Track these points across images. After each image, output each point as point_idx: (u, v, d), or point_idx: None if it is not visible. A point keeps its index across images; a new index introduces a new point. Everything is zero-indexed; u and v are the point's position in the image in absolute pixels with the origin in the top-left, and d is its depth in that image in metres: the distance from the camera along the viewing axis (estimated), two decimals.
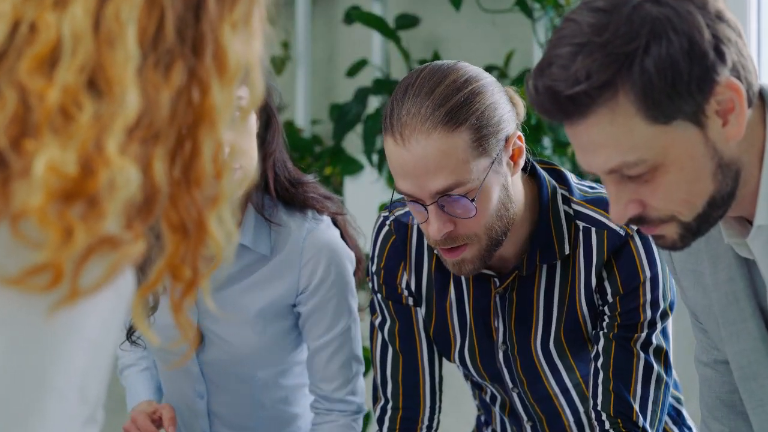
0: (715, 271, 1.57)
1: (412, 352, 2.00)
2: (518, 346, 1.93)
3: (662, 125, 1.36)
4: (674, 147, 1.37)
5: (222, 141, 0.94)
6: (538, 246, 1.87)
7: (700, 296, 1.63)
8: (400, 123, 1.73)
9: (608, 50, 1.34)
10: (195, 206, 0.93)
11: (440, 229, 1.75)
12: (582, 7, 1.39)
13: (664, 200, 1.40)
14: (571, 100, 1.36)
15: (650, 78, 1.34)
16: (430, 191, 1.74)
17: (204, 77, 0.93)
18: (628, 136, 1.37)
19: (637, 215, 1.42)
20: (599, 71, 1.34)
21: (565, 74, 1.35)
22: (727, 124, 1.38)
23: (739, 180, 1.41)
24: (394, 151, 1.75)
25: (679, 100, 1.35)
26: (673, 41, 1.33)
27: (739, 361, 1.59)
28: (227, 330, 2.06)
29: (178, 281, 0.94)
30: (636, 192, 1.41)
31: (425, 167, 1.72)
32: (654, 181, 1.39)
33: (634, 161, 1.38)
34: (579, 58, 1.34)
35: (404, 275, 1.98)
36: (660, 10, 1.34)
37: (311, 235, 2.03)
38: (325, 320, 2.05)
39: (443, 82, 1.75)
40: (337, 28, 3.64)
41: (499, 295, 1.92)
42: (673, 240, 1.44)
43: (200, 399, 2.13)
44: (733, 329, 1.58)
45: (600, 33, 1.35)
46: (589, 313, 1.89)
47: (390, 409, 2.02)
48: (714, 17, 1.36)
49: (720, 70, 1.35)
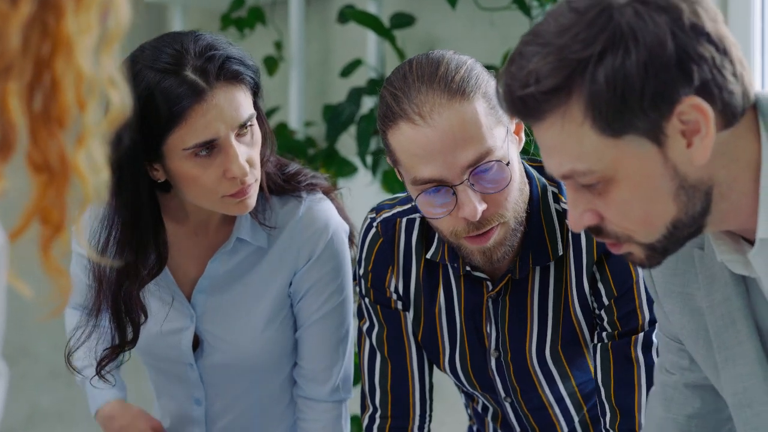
0: (710, 292, 1.50)
1: (401, 359, 1.94)
2: (512, 353, 1.87)
3: (612, 138, 1.30)
4: (626, 162, 1.32)
5: (83, 71, 0.89)
6: (530, 247, 1.80)
7: (687, 320, 1.56)
8: (415, 104, 1.67)
9: (563, 54, 1.29)
10: (58, 144, 0.88)
11: (477, 207, 1.69)
12: (563, 5, 1.33)
13: (619, 216, 1.35)
14: (522, 102, 1.32)
15: (599, 89, 1.28)
16: (462, 165, 1.67)
17: (58, 3, 0.88)
18: (578, 145, 1.32)
19: (595, 225, 1.37)
20: (549, 75, 1.30)
21: (520, 74, 1.32)
22: (691, 146, 1.31)
23: (712, 197, 1.34)
24: (414, 134, 1.68)
25: (629, 115, 1.29)
26: (630, 52, 1.27)
27: (734, 388, 1.52)
28: (228, 331, 2.02)
29: (46, 225, 0.90)
30: (592, 202, 1.36)
31: (453, 141, 1.67)
32: (608, 194, 1.34)
33: (582, 170, 1.33)
34: (535, 59, 1.30)
35: (392, 279, 1.92)
36: (627, 19, 1.28)
37: (308, 211, 2.00)
38: (324, 293, 2.01)
39: (440, 66, 1.71)
40: (331, 28, 3.62)
41: (491, 299, 1.86)
42: (641, 259, 1.39)
43: (198, 406, 2.09)
44: (728, 353, 1.51)
45: (561, 35, 1.30)
46: (585, 317, 1.82)
47: (378, 417, 1.96)
48: (687, 31, 1.28)
49: (682, 89, 1.28)
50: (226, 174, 1.82)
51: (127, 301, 1.91)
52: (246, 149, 1.84)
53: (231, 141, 1.81)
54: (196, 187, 1.84)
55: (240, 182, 1.83)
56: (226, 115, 1.80)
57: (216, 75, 1.80)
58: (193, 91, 1.78)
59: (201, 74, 1.79)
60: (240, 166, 1.81)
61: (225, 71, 1.81)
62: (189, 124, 1.79)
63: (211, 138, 1.80)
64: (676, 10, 1.29)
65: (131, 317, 1.93)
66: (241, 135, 1.84)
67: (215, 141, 1.81)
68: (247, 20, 3.63)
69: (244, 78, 1.84)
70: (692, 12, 1.30)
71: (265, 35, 3.70)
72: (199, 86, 1.79)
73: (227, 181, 1.83)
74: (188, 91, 1.78)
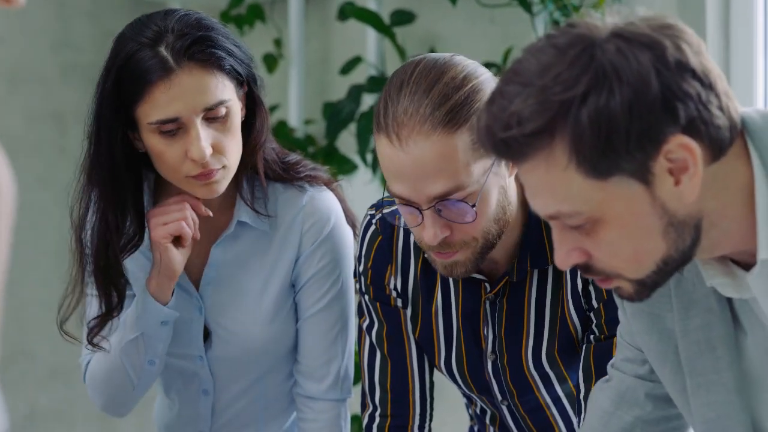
0: (685, 317, 1.47)
1: (400, 357, 1.93)
2: (508, 356, 1.85)
3: (598, 180, 1.27)
4: (614, 203, 1.28)
5: None
6: (528, 250, 1.78)
7: (655, 340, 1.52)
8: (396, 123, 1.64)
9: (545, 96, 1.25)
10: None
11: (436, 234, 1.67)
12: (543, 41, 1.30)
13: (608, 256, 1.32)
14: (504, 144, 1.28)
15: (583, 131, 1.24)
16: (427, 196, 1.65)
17: None
18: (563, 187, 1.28)
19: (583, 263, 1.34)
20: (531, 118, 1.25)
21: (501, 115, 1.27)
22: (680, 184, 1.28)
23: (702, 229, 1.31)
24: (389, 152, 1.65)
25: (615, 157, 1.25)
26: (614, 92, 1.23)
27: (705, 415, 1.48)
28: (237, 322, 2.01)
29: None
30: (579, 241, 1.32)
31: (423, 171, 1.63)
32: (596, 234, 1.31)
33: (568, 212, 1.29)
34: (516, 101, 1.26)
35: (391, 277, 1.91)
36: (610, 58, 1.24)
37: (311, 201, 1.99)
38: (325, 282, 2.00)
39: (441, 79, 1.65)
40: (331, 26, 3.61)
41: (489, 301, 1.84)
42: (630, 293, 1.36)
43: (205, 397, 2.08)
44: (701, 380, 1.47)
45: (542, 75, 1.26)
46: (579, 319, 1.80)
47: (378, 416, 1.95)
48: (672, 68, 1.25)
49: (668, 128, 1.25)
50: (188, 155, 1.83)
51: (110, 269, 1.91)
52: (215, 134, 1.84)
53: (195, 123, 1.81)
54: (161, 163, 1.86)
55: (201, 165, 1.83)
56: (189, 97, 1.81)
57: (186, 54, 1.81)
58: (161, 67, 1.80)
59: (172, 52, 1.81)
60: (199, 149, 1.81)
61: (197, 52, 1.82)
62: (152, 99, 1.81)
63: (172, 116, 1.81)
64: (660, 46, 1.25)
65: (115, 284, 1.93)
66: (211, 120, 1.84)
67: (178, 120, 1.82)
68: (246, 17, 3.62)
69: (221, 63, 1.84)
70: (676, 48, 1.26)
71: (265, 33, 3.69)
72: (168, 63, 1.80)
73: (190, 161, 1.83)
74: (156, 66, 1.80)
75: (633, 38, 1.26)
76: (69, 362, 2.18)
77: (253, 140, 1.94)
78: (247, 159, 1.93)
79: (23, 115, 3.78)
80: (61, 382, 3.89)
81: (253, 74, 1.91)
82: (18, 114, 3.77)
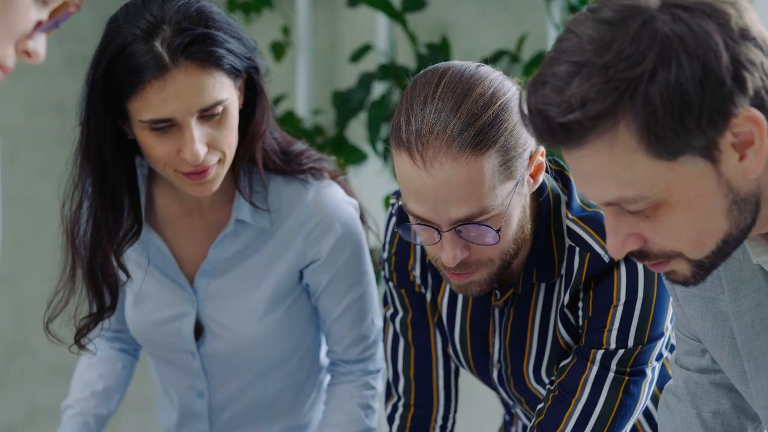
0: (737, 297, 1.42)
1: (425, 344, 1.88)
2: (512, 367, 1.81)
3: (667, 161, 1.21)
4: (680, 184, 1.23)
5: None
6: (535, 263, 1.71)
7: (710, 325, 1.48)
8: (421, 141, 1.54)
9: (609, 75, 1.18)
10: None
11: (455, 257, 1.60)
12: (587, 17, 1.23)
13: (669, 239, 1.26)
14: (563, 128, 1.21)
15: (654, 110, 1.18)
16: (449, 219, 1.57)
17: None
18: (628, 171, 1.22)
19: (638, 250, 1.28)
20: (597, 99, 1.19)
21: (558, 98, 1.20)
22: (744, 159, 1.22)
23: (760, 205, 1.26)
24: (411, 172, 1.56)
25: (687, 135, 1.19)
26: (684, 66, 1.17)
27: (767, 400, 1.43)
28: (229, 317, 1.95)
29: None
30: (636, 226, 1.27)
31: (448, 194, 1.55)
32: (657, 218, 1.25)
33: (633, 197, 1.23)
34: (575, 81, 1.19)
35: (414, 263, 1.86)
36: (673, 28, 1.18)
37: (317, 197, 1.92)
38: (344, 285, 1.95)
39: (470, 96, 1.56)
40: (340, 13, 3.59)
41: (498, 308, 1.78)
42: (685, 276, 1.30)
43: (200, 399, 2.04)
44: (759, 363, 1.42)
45: (602, 53, 1.19)
46: (569, 335, 1.74)
47: (401, 406, 1.91)
48: (737, 36, 1.20)
49: (738, 101, 1.19)
50: (180, 153, 1.76)
51: (103, 266, 1.85)
52: (212, 131, 1.77)
53: (189, 124, 1.74)
54: (150, 156, 1.79)
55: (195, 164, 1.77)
56: (185, 98, 1.72)
57: (184, 53, 1.72)
58: (156, 65, 1.71)
59: (168, 49, 1.72)
60: (192, 151, 1.74)
61: (195, 51, 1.72)
62: (145, 98, 1.72)
63: (165, 117, 1.73)
64: (724, 14, 1.20)
65: (108, 282, 1.86)
66: (206, 118, 1.76)
67: (172, 120, 1.74)
68: (253, 4, 3.59)
69: (220, 62, 1.75)
70: (739, 15, 1.21)
71: (272, 20, 3.66)
72: (162, 61, 1.71)
73: (181, 159, 1.77)
74: (150, 64, 1.71)
75: (694, 6, 1.20)
76: (70, 359, 2.14)
77: (252, 130, 1.87)
78: (245, 149, 1.86)
79: (25, 106, 3.74)
80: (61, 379, 3.83)
81: (255, 65, 1.83)
82: (20, 105, 3.73)
